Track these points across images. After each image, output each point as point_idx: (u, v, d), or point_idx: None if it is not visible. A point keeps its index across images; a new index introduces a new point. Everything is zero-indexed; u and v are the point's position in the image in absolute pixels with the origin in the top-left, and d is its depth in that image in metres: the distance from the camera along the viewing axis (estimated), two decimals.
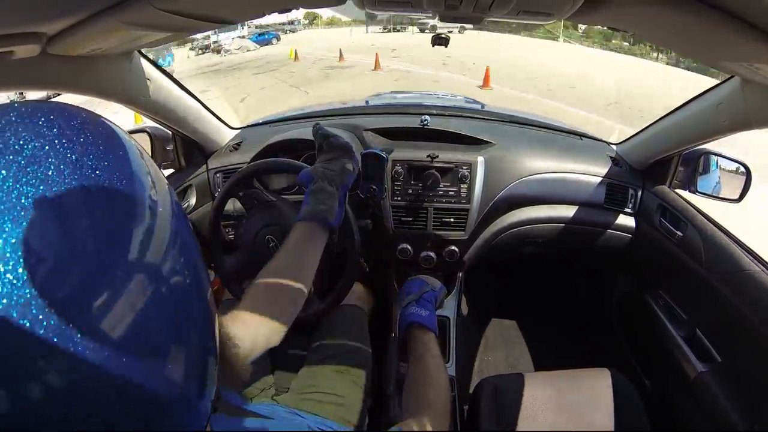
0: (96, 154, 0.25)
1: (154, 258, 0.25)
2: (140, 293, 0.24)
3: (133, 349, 0.24)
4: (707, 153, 1.12)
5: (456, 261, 1.21)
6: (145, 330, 0.24)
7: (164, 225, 0.27)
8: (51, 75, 0.74)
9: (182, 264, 0.28)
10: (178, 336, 0.27)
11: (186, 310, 0.28)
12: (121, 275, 0.23)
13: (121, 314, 0.23)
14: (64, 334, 0.21)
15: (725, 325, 0.95)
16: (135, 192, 0.26)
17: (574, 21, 0.59)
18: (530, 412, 0.93)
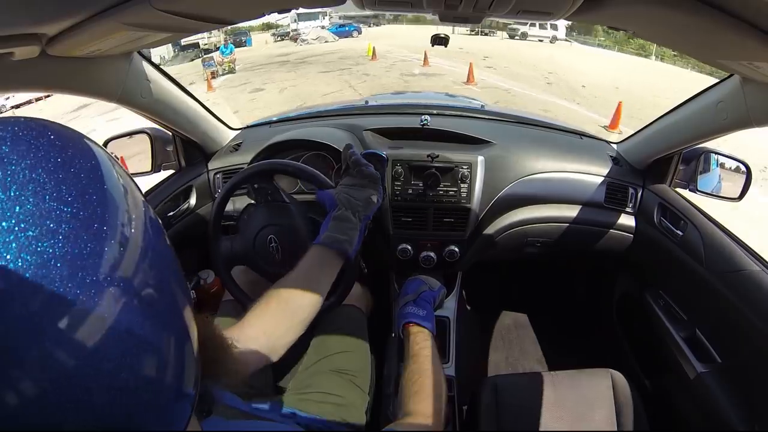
0: (64, 171, 0.25)
1: (125, 273, 0.26)
2: (111, 307, 0.24)
3: (102, 362, 0.24)
4: (707, 151, 1.12)
5: (456, 261, 1.21)
6: (116, 342, 0.25)
7: (136, 241, 0.27)
8: (50, 76, 0.75)
9: (154, 279, 0.28)
10: (151, 348, 0.27)
11: (160, 323, 0.28)
12: (92, 288, 0.24)
13: (90, 329, 0.23)
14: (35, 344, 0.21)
15: (725, 325, 0.95)
16: (107, 209, 0.26)
17: (573, 20, 0.59)
18: (530, 412, 0.93)
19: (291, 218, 1.00)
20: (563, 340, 1.66)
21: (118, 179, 0.29)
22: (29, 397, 0.22)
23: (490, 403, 0.94)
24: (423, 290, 0.87)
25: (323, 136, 1.22)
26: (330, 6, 0.66)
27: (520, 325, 1.74)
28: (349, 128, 1.30)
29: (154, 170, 1.23)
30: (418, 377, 0.68)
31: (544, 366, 1.58)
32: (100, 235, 0.25)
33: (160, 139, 1.23)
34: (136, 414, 0.26)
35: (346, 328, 1.06)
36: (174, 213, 1.22)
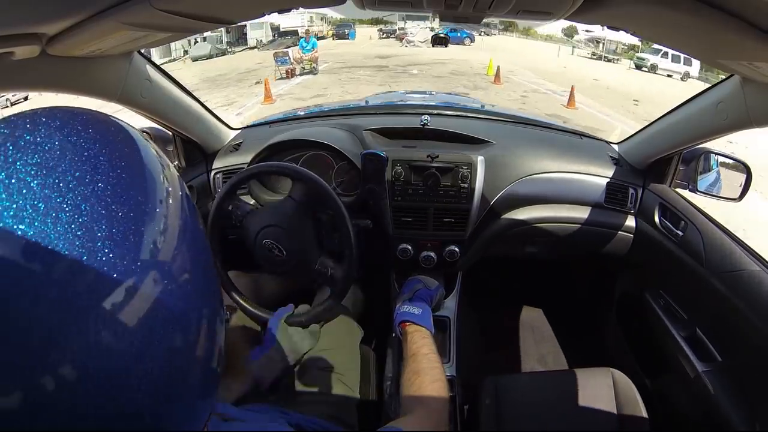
0: (112, 155, 0.26)
1: (164, 254, 0.26)
2: (151, 287, 0.25)
3: (139, 342, 0.24)
4: (707, 152, 1.12)
5: (456, 261, 1.21)
6: (153, 322, 0.25)
7: (175, 220, 0.28)
8: (50, 76, 0.75)
9: (190, 261, 0.28)
10: (188, 332, 0.27)
11: (194, 308, 0.28)
12: (133, 268, 0.24)
13: (130, 312, 0.24)
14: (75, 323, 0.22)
15: (725, 325, 0.95)
16: (148, 189, 0.27)
17: (573, 20, 0.59)
18: (531, 411, 0.93)
19: (292, 219, 1.00)
20: (564, 339, 1.67)
21: (156, 159, 0.29)
22: (69, 381, 0.22)
23: (491, 403, 0.94)
24: (418, 288, 0.87)
25: (323, 136, 1.22)
26: (329, 6, 0.66)
27: (520, 325, 1.74)
28: (349, 128, 1.30)
29: None
30: (416, 377, 0.69)
31: (544, 365, 1.58)
32: (141, 216, 0.25)
33: (160, 139, 1.23)
34: (164, 405, 0.26)
35: (336, 328, 1.07)
36: None
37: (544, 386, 0.99)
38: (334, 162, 1.28)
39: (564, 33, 23.22)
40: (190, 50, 15.29)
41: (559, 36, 23.81)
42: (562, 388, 0.98)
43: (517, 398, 0.95)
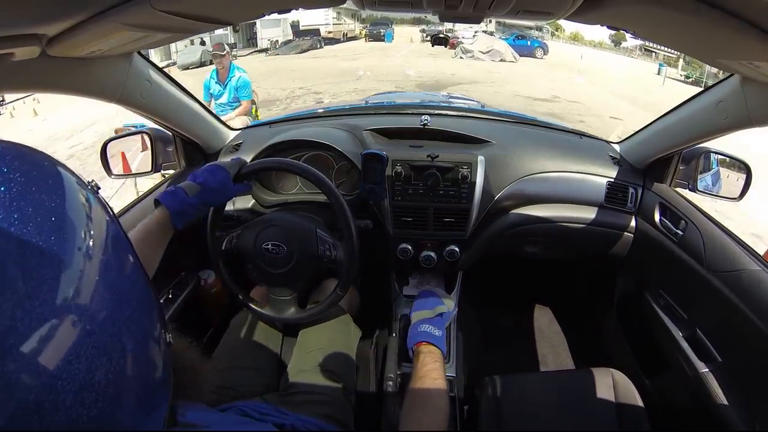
0: (29, 189, 0.26)
1: (83, 297, 0.26)
2: (69, 329, 0.25)
3: (61, 379, 0.24)
4: (707, 151, 1.12)
5: (456, 260, 1.21)
6: (73, 369, 0.25)
7: (95, 259, 0.28)
8: (50, 77, 0.75)
9: (110, 295, 0.28)
10: (109, 365, 0.27)
11: (117, 340, 0.28)
12: (49, 313, 0.24)
13: (49, 353, 0.24)
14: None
15: (726, 325, 0.95)
16: (69, 232, 0.27)
17: (573, 20, 0.60)
18: (531, 411, 0.93)
19: (288, 216, 1.00)
20: (564, 339, 1.67)
21: (82, 200, 0.29)
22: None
23: (491, 403, 0.94)
24: (441, 311, 0.87)
25: (323, 136, 1.22)
26: (329, 6, 0.66)
27: (520, 325, 1.74)
28: (349, 128, 1.30)
29: (155, 170, 1.23)
30: (421, 405, 0.68)
31: (544, 365, 1.58)
32: (56, 262, 0.25)
33: (160, 139, 1.23)
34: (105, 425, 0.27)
35: (330, 328, 1.07)
36: None
37: (544, 386, 0.99)
38: (334, 162, 1.28)
39: (611, 39, 20.47)
40: (177, 57, 12.74)
41: (608, 43, 21.00)
42: (562, 388, 0.98)
43: (517, 398, 0.95)
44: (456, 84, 8.95)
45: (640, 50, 18.35)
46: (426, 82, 9.24)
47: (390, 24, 17.47)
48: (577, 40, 23.02)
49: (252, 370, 0.99)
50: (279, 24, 16.15)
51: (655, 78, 12.48)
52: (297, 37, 16.51)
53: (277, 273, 0.97)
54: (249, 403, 0.78)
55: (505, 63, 11.94)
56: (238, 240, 0.98)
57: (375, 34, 17.51)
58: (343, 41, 17.96)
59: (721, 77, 0.87)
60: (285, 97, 7.72)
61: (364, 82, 9.03)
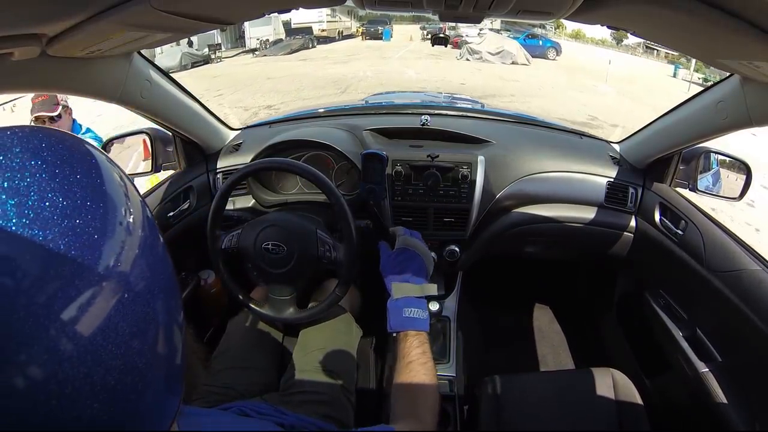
0: (72, 174, 0.27)
1: (123, 266, 0.28)
2: (106, 304, 0.26)
3: (96, 347, 0.25)
4: (708, 151, 1.12)
5: (456, 261, 1.21)
6: (111, 336, 0.26)
7: (134, 243, 0.29)
8: (50, 77, 0.74)
9: (149, 269, 0.30)
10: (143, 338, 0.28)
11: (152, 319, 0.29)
12: (90, 286, 0.25)
13: (89, 320, 0.25)
14: (36, 335, 0.23)
15: (726, 325, 0.95)
16: (107, 212, 0.28)
17: (573, 20, 0.60)
18: (531, 411, 0.93)
19: (294, 219, 1.00)
20: (564, 339, 1.67)
21: (118, 180, 0.30)
22: (19, 388, 0.23)
23: (491, 403, 0.94)
24: (430, 292, 0.79)
25: (323, 136, 1.22)
26: (329, 6, 0.66)
27: (520, 325, 1.74)
28: (349, 128, 1.30)
29: (155, 170, 1.23)
30: (411, 389, 0.67)
31: (544, 365, 1.58)
32: (102, 233, 0.27)
33: (160, 139, 1.23)
34: (123, 406, 0.27)
35: (330, 327, 1.07)
36: (174, 213, 1.22)
37: (544, 386, 0.99)
38: (334, 162, 1.28)
39: (613, 37, 19.80)
40: (158, 59, 9.87)
41: (610, 40, 20.36)
42: (562, 388, 0.98)
43: (517, 398, 0.95)
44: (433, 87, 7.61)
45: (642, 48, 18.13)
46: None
47: (389, 21, 16.80)
48: (579, 37, 22.27)
49: (252, 369, 0.99)
50: (270, 22, 15.11)
51: (673, 83, 11.42)
52: (288, 36, 15.67)
53: (277, 273, 0.97)
54: (248, 403, 0.78)
55: (517, 66, 10.59)
56: (238, 240, 0.99)
57: (372, 32, 16.75)
58: (339, 40, 17.33)
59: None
60: (241, 124, 6.84)
61: (351, 95, 7.65)
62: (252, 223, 1.00)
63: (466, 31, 12.82)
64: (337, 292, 0.97)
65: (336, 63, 11.20)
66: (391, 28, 16.71)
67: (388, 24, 16.75)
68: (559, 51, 13.26)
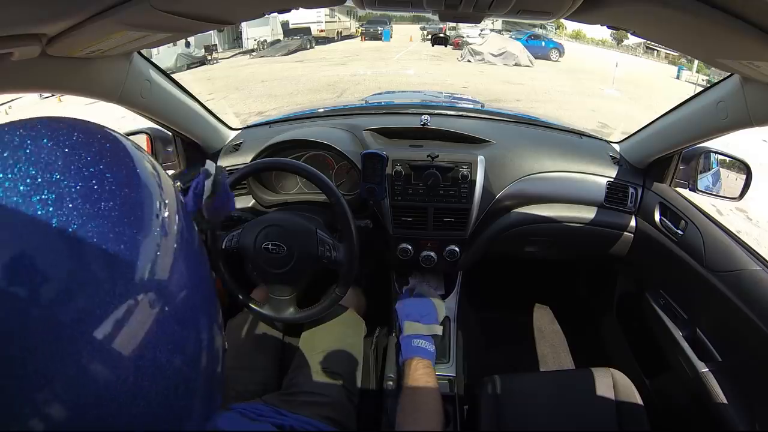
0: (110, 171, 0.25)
1: (161, 273, 0.25)
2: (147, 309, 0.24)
3: (134, 360, 0.23)
4: (708, 151, 1.12)
5: (456, 260, 1.21)
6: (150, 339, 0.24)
7: (171, 235, 0.27)
8: (50, 76, 0.74)
9: (187, 275, 0.27)
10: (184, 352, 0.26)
11: (192, 325, 0.27)
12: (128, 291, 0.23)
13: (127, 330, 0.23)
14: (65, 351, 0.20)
15: (726, 325, 0.95)
16: (144, 202, 0.26)
17: (573, 20, 0.60)
18: (531, 411, 0.93)
19: (294, 219, 1.00)
20: (564, 339, 1.67)
21: (152, 173, 0.28)
22: (57, 419, 0.20)
23: (491, 403, 0.94)
24: (437, 332, 0.86)
25: (323, 136, 1.22)
26: (329, 6, 0.66)
27: (520, 325, 1.74)
28: (349, 128, 1.30)
29: None
30: (415, 414, 0.69)
31: (544, 365, 1.59)
32: (137, 234, 0.24)
33: (160, 139, 1.23)
34: (169, 421, 0.26)
35: (334, 328, 1.07)
36: None
37: (544, 386, 0.99)
38: (334, 162, 1.28)
39: (613, 37, 19.92)
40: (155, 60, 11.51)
41: (610, 41, 20.54)
42: (562, 388, 0.98)
43: (517, 398, 0.95)
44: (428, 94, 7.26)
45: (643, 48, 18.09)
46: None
47: (388, 22, 16.58)
48: (579, 37, 22.13)
49: (252, 370, 0.99)
50: (268, 23, 14.82)
51: (678, 85, 11.30)
52: (286, 37, 15.40)
53: (277, 273, 0.97)
54: (247, 405, 0.78)
55: (520, 68, 10.33)
56: (238, 239, 0.99)
57: (372, 32, 16.53)
58: (338, 40, 17.12)
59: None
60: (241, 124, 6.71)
61: (347, 99, 7.71)
62: (252, 223, 1.00)
63: (467, 31, 12.72)
64: (337, 292, 0.97)
65: (333, 65, 11.04)
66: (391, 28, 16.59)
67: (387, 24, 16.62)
68: (562, 52, 13.19)
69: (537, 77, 9.93)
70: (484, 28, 12.24)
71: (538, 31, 13.72)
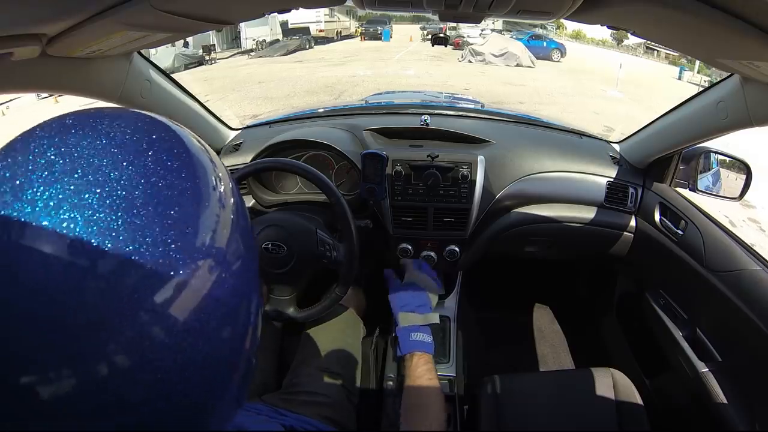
0: (165, 149, 0.27)
1: (219, 243, 0.26)
2: (205, 277, 0.25)
3: (189, 324, 0.24)
4: (708, 151, 1.12)
5: (456, 260, 1.22)
6: (206, 313, 0.25)
7: (228, 217, 0.28)
8: (50, 76, 0.74)
9: (243, 246, 0.29)
10: (234, 325, 0.28)
11: (245, 297, 0.29)
12: (188, 259, 0.24)
13: (184, 301, 0.24)
14: (130, 318, 0.22)
15: (726, 325, 0.95)
16: (200, 174, 0.27)
17: (573, 20, 0.60)
18: (531, 411, 0.93)
19: (294, 219, 1.00)
20: (564, 339, 1.67)
21: (204, 151, 0.29)
22: (121, 367, 0.22)
23: (491, 403, 0.94)
24: (433, 320, 0.86)
25: (323, 136, 1.22)
26: (329, 6, 0.66)
27: (520, 325, 1.74)
28: (349, 128, 1.30)
29: None
30: (419, 410, 0.69)
31: (544, 365, 1.59)
32: (196, 205, 0.25)
33: None
34: (210, 400, 0.27)
35: (335, 327, 1.07)
36: None
37: (544, 386, 0.99)
38: (334, 162, 1.28)
39: (613, 37, 20.04)
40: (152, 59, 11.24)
41: (610, 41, 20.68)
42: (562, 388, 0.98)
43: (517, 398, 0.95)
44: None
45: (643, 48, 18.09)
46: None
47: (388, 21, 16.63)
48: (579, 37, 22.10)
49: None
50: (267, 22, 14.78)
51: (680, 85, 11.23)
52: (285, 37, 15.44)
53: (276, 273, 0.97)
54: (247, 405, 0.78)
55: (522, 68, 10.29)
56: None
57: (371, 32, 16.59)
58: (337, 40, 17.12)
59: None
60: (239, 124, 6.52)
61: (346, 101, 7.60)
62: (252, 223, 0.99)
63: (468, 31, 12.70)
64: (337, 292, 0.97)
65: (332, 65, 10.98)
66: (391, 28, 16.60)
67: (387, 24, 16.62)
68: (564, 53, 13.14)
69: (539, 78, 9.89)
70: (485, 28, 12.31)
71: (539, 31, 13.75)
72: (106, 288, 0.21)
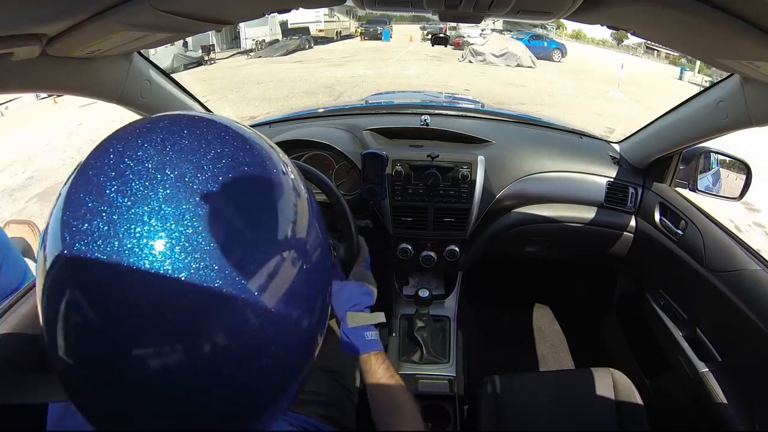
0: (250, 153, 0.29)
1: (300, 229, 0.29)
2: (291, 259, 0.27)
3: (276, 311, 0.26)
4: (708, 151, 1.12)
5: (456, 260, 1.22)
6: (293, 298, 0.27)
7: (303, 196, 0.30)
8: (50, 76, 0.74)
9: (320, 234, 0.31)
10: (311, 315, 0.29)
11: (322, 278, 0.31)
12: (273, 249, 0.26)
13: (281, 277, 0.26)
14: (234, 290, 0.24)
15: (726, 325, 0.95)
16: (271, 166, 0.29)
17: (573, 20, 0.60)
18: (531, 411, 0.93)
19: None
20: (564, 339, 1.67)
21: (274, 152, 0.31)
22: (221, 345, 0.24)
23: (491, 403, 0.94)
24: (380, 320, 0.85)
25: (323, 136, 1.22)
26: (329, 6, 0.66)
27: (520, 325, 1.74)
28: (349, 128, 1.30)
29: None
30: (390, 411, 0.69)
31: (544, 365, 1.59)
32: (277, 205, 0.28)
33: None
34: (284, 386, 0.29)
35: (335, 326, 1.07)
36: None
37: (544, 386, 0.99)
38: (334, 162, 1.28)
39: (613, 37, 20.00)
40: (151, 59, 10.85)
41: (610, 41, 20.68)
42: (562, 387, 0.98)
43: (517, 398, 0.95)
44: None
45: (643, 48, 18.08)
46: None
47: (388, 21, 16.66)
48: (579, 37, 22.02)
49: None
50: (266, 22, 14.55)
51: (682, 86, 10.97)
52: (284, 37, 15.44)
53: None
54: None
55: (523, 68, 10.25)
56: None
57: (371, 32, 16.62)
58: (337, 40, 17.05)
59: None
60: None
61: (345, 101, 7.54)
62: None
63: (468, 31, 12.65)
64: None
65: (332, 65, 10.87)
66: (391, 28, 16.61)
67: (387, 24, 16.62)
68: (565, 53, 13.06)
69: (540, 78, 9.84)
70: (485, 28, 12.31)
71: (539, 31, 13.70)
72: (206, 275, 0.24)
